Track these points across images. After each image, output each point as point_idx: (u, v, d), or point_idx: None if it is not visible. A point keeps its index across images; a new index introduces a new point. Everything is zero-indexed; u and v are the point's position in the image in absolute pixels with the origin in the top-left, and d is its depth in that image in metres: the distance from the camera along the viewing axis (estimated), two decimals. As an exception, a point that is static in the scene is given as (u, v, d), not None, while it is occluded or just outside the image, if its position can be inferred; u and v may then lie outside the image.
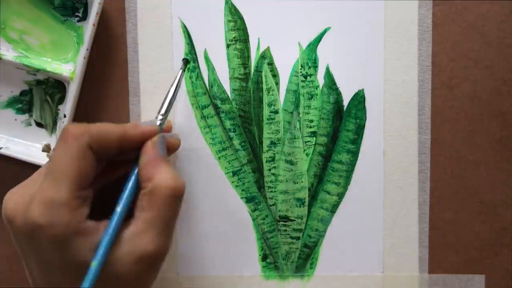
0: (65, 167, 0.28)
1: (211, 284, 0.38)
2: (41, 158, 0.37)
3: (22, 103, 0.38)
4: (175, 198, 0.29)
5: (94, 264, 0.26)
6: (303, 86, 0.37)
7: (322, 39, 0.37)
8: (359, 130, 0.38)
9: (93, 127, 0.29)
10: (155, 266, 0.29)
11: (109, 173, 0.32)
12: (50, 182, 0.27)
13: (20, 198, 0.28)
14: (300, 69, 0.37)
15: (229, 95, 0.38)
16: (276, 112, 0.38)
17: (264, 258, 0.38)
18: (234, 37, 0.37)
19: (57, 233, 0.26)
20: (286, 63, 0.37)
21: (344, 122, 0.38)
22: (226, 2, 0.37)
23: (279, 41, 0.37)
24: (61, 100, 0.38)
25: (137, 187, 0.30)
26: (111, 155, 0.30)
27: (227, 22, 0.37)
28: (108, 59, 0.38)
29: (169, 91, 0.34)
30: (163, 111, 0.33)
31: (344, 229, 0.38)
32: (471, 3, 0.37)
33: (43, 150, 0.31)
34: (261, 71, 0.38)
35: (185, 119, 0.38)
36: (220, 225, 0.38)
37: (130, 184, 0.30)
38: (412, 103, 0.37)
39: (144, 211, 0.28)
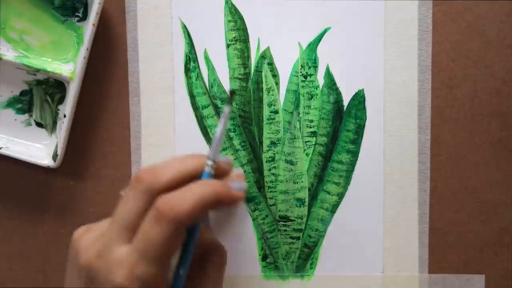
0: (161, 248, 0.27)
1: (211, 284, 0.38)
2: (41, 158, 0.37)
3: (22, 103, 0.38)
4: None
5: None
6: (303, 86, 0.37)
7: (322, 39, 0.37)
8: (359, 130, 0.38)
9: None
10: None
11: None
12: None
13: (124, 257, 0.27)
14: (300, 69, 0.37)
15: (229, 95, 0.38)
16: (276, 112, 0.38)
17: (264, 258, 0.38)
18: (234, 37, 0.37)
19: None
20: (286, 63, 0.37)
21: (344, 122, 0.38)
22: (226, 2, 0.37)
23: (279, 41, 0.37)
24: (61, 100, 0.38)
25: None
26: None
27: (227, 22, 0.37)
28: (108, 59, 0.38)
29: (217, 132, 0.30)
30: (212, 155, 0.29)
31: (344, 229, 0.38)
32: (471, 3, 0.37)
33: None
34: (261, 71, 0.38)
35: (185, 120, 0.38)
36: (220, 225, 0.38)
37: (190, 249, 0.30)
38: (412, 103, 0.37)
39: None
